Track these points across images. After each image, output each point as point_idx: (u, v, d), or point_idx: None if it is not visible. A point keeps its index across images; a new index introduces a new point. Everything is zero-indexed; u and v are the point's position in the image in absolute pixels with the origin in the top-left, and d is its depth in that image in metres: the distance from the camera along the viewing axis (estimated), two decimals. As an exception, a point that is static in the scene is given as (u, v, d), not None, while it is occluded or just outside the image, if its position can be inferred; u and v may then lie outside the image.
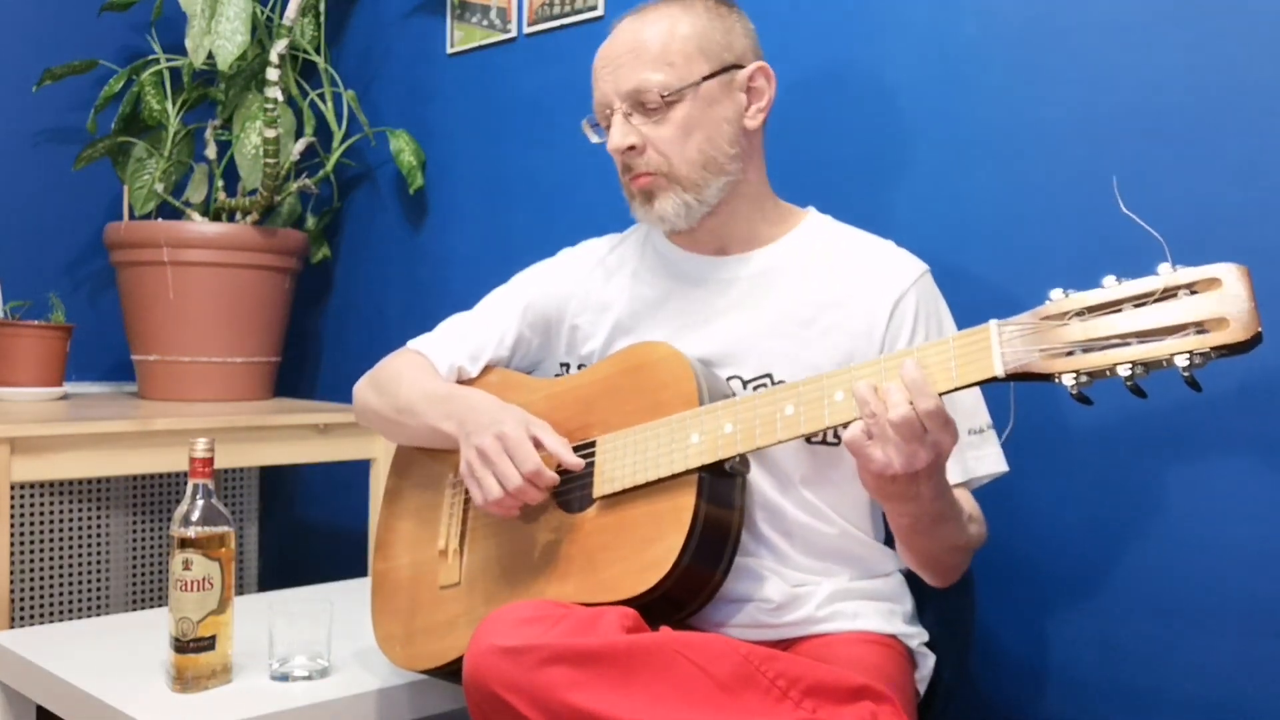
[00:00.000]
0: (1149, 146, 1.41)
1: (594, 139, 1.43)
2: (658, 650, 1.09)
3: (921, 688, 1.36)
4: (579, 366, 1.47)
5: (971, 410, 1.34)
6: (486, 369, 1.51)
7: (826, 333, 1.34)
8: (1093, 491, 1.46)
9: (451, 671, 1.33)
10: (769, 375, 1.34)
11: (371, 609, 1.48)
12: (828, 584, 1.33)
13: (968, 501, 1.32)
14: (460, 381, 1.50)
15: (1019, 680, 1.54)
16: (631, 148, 1.35)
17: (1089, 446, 1.45)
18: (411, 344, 1.55)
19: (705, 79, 1.34)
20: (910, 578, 1.41)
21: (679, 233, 1.42)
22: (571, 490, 1.32)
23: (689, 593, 1.23)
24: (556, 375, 1.50)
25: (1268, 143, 1.32)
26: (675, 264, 1.44)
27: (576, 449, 1.32)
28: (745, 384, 1.34)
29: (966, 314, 1.39)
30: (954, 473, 1.28)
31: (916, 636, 1.37)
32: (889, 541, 1.42)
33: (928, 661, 1.37)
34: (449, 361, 1.49)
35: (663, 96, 1.32)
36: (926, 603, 1.43)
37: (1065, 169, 1.48)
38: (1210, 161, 1.36)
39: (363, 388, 1.56)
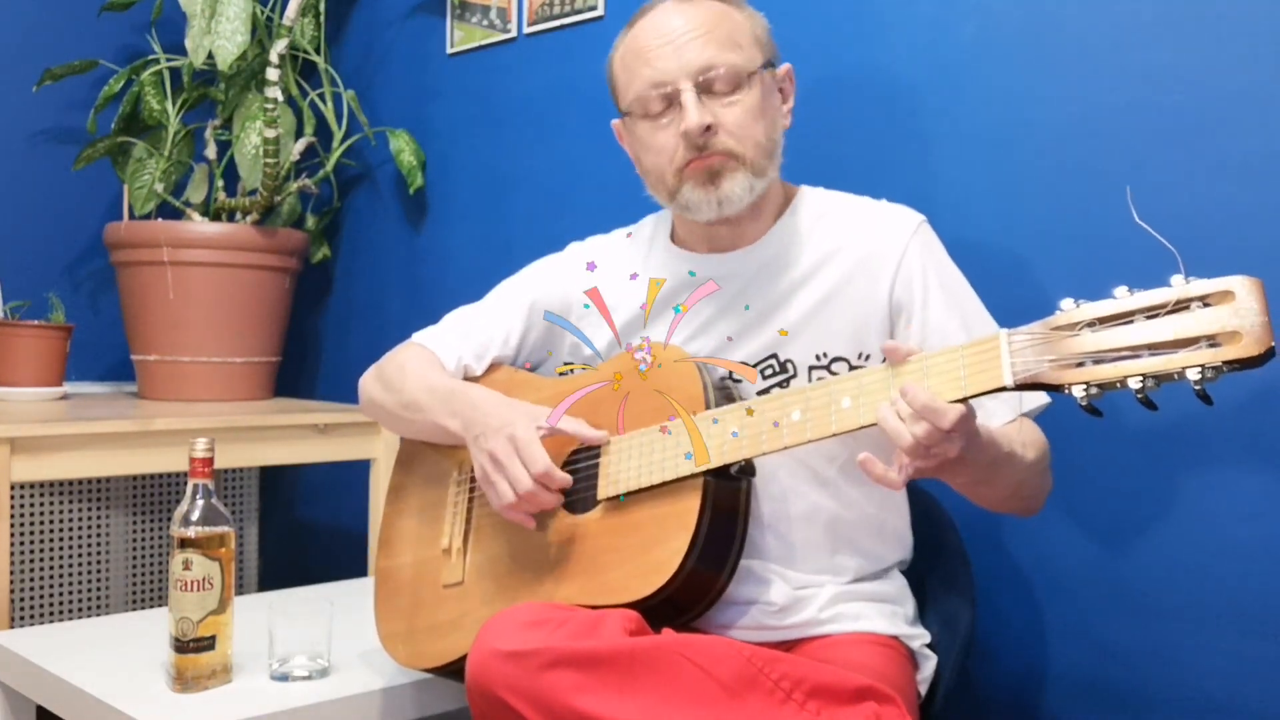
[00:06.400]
0: (1149, 146, 1.41)
1: (642, 126, 1.35)
2: (661, 653, 1.09)
3: (923, 689, 1.36)
4: (583, 366, 1.47)
5: None
6: (493, 367, 1.50)
7: (827, 302, 1.34)
8: (1092, 494, 1.47)
9: (454, 670, 1.33)
10: (774, 356, 1.34)
11: (374, 607, 1.48)
12: (830, 586, 1.33)
13: (1020, 432, 1.27)
14: (466, 379, 1.49)
15: (1019, 681, 1.54)
16: (709, 127, 1.30)
17: (1088, 449, 1.45)
18: (417, 337, 1.54)
19: (763, 67, 1.33)
20: (912, 580, 1.41)
21: (684, 237, 1.43)
22: (576, 492, 1.32)
23: (693, 596, 1.23)
24: (561, 374, 1.49)
25: (1269, 142, 1.32)
26: (680, 265, 1.43)
27: (582, 451, 1.32)
28: (754, 367, 1.34)
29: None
30: (1003, 412, 1.27)
31: (918, 638, 1.36)
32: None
33: (929, 663, 1.37)
34: (455, 358, 1.48)
35: (737, 78, 1.30)
36: (928, 604, 1.43)
37: (1065, 169, 1.48)
38: (1211, 161, 1.36)
39: (368, 381, 1.55)
